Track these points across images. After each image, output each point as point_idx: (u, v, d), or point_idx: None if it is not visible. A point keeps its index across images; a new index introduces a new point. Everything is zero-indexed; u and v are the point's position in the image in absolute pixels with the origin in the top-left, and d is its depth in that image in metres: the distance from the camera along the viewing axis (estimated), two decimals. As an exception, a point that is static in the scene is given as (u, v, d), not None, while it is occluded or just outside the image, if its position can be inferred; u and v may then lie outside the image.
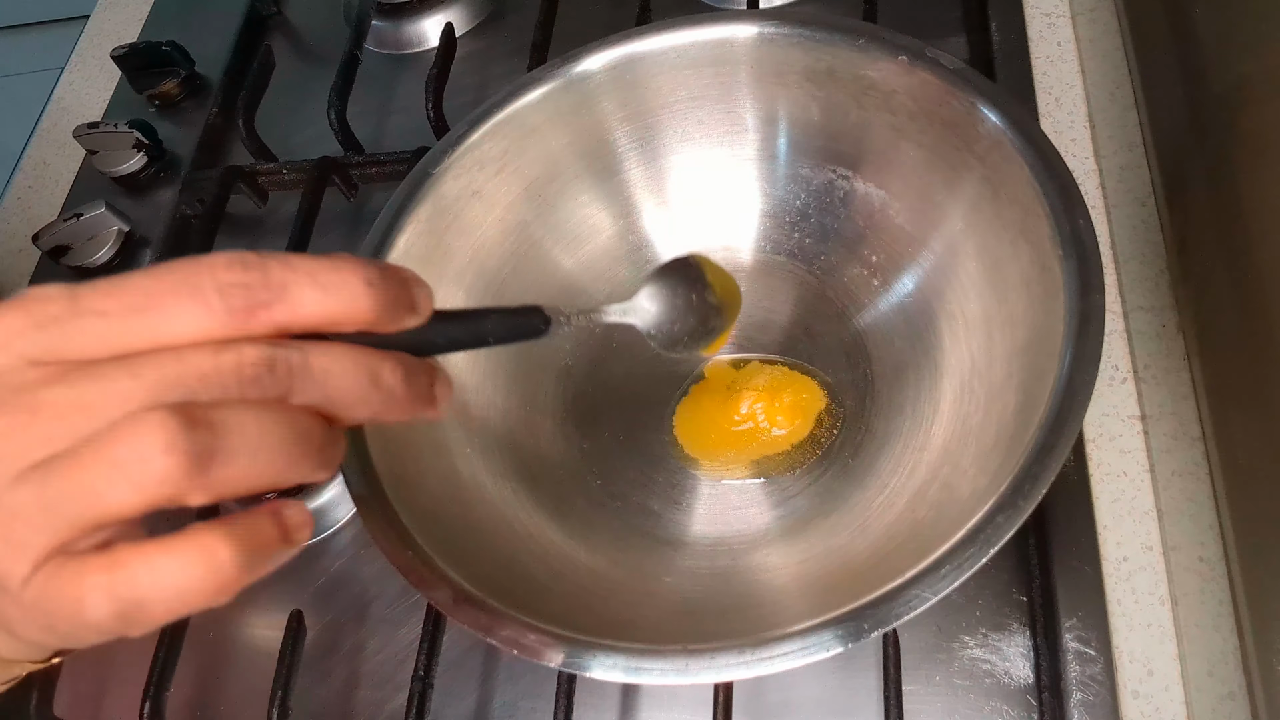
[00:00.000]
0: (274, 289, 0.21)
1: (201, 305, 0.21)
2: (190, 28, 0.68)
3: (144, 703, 0.40)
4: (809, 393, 0.42)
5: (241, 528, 0.22)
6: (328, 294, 0.22)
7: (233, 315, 0.21)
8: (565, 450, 0.43)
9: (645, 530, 0.40)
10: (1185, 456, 0.40)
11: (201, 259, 0.21)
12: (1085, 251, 0.32)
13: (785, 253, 0.45)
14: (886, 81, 0.39)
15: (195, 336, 0.21)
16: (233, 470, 0.20)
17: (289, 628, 0.41)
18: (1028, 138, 0.35)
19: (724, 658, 0.28)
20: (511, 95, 0.42)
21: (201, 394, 0.21)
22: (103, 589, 0.20)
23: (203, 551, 0.21)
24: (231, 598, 0.21)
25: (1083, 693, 0.36)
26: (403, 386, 0.24)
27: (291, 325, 0.22)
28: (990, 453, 0.33)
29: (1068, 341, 0.31)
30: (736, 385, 0.43)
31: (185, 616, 0.21)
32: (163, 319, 0.21)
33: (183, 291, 0.21)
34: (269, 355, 0.21)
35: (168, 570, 0.20)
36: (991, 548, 0.28)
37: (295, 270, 0.22)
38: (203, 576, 0.21)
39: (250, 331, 0.21)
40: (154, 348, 0.21)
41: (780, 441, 0.41)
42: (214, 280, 0.21)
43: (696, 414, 0.43)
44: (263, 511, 0.23)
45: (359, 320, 0.23)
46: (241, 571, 0.21)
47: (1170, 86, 0.45)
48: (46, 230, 0.56)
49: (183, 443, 0.19)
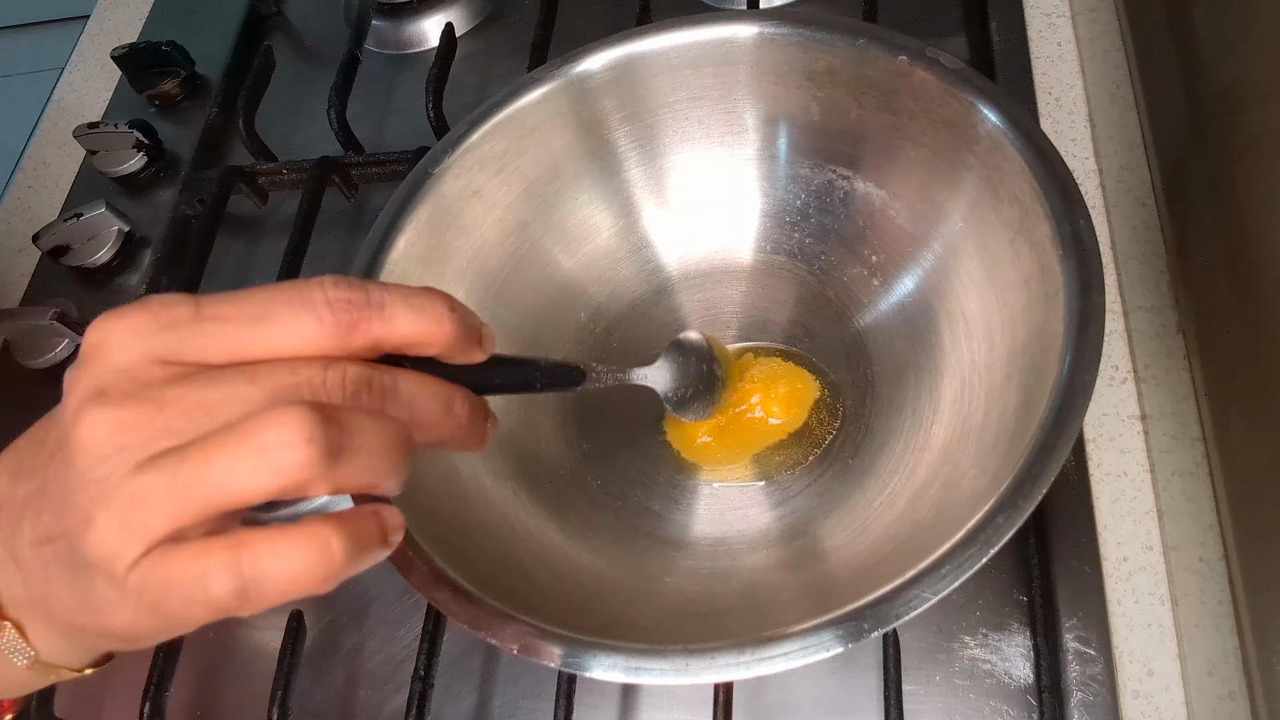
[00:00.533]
0: (375, 306, 0.24)
1: (313, 318, 0.23)
2: (190, 28, 0.68)
3: (144, 703, 0.40)
4: (803, 383, 0.42)
5: (351, 524, 0.23)
6: (419, 315, 0.25)
7: (339, 328, 0.23)
8: (565, 450, 0.43)
9: (645, 530, 0.40)
10: (1185, 456, 0.40)
11: (312, 279, 0.24)
12: (1085, 251, 0.32)
13: (785, 253, 0.45)
14: (886, 81, 0.39)
15: (306, 347, 0.23)
16: (354, 467, 0.22)
17: (289, 628, 0.41)
18: (1028, 138, 0.35)
19: (724, 658, 0.28)
20: (511, 95, 0.42)
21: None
22: (228, 567, 0.22)
23: (318, 539, 0.22)
24: (334, 586, 0.23)
25: (1083, 693, 0.36)
26: (468, 418, 0.27)
27: (386, 340, 0.24)
28: (990, 453, 0.33)
29: (1068, 341, 0.31)
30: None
31: (295, 598, 0.22)
32: (279, 328, 0.23)
33: (297, 303, 0.23)
34: (368, 374, 0.24)
35: (287, 553, 0.22)
36: (992, 548, 0.28)
37: (391, 292, 0.24)
38: (316, 562, 0.22)
39: (353, 344, 0.24)
40: (269, 355, 0.23)
41: (777, 431, 0.41)
42: (324, 295, 0.23)
43: None
44: (367, 511, 0.24)
45: (441, 343, 0.25)
46: (348, 562, 0.23)
47: (1170, 86, 0.45)
48: (47, 230, 0.56)
49: (321, 435, 0.21)
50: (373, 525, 0.24)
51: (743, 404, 0.41)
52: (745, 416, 0.41)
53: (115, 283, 0.58)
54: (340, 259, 0.55)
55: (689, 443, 0.42)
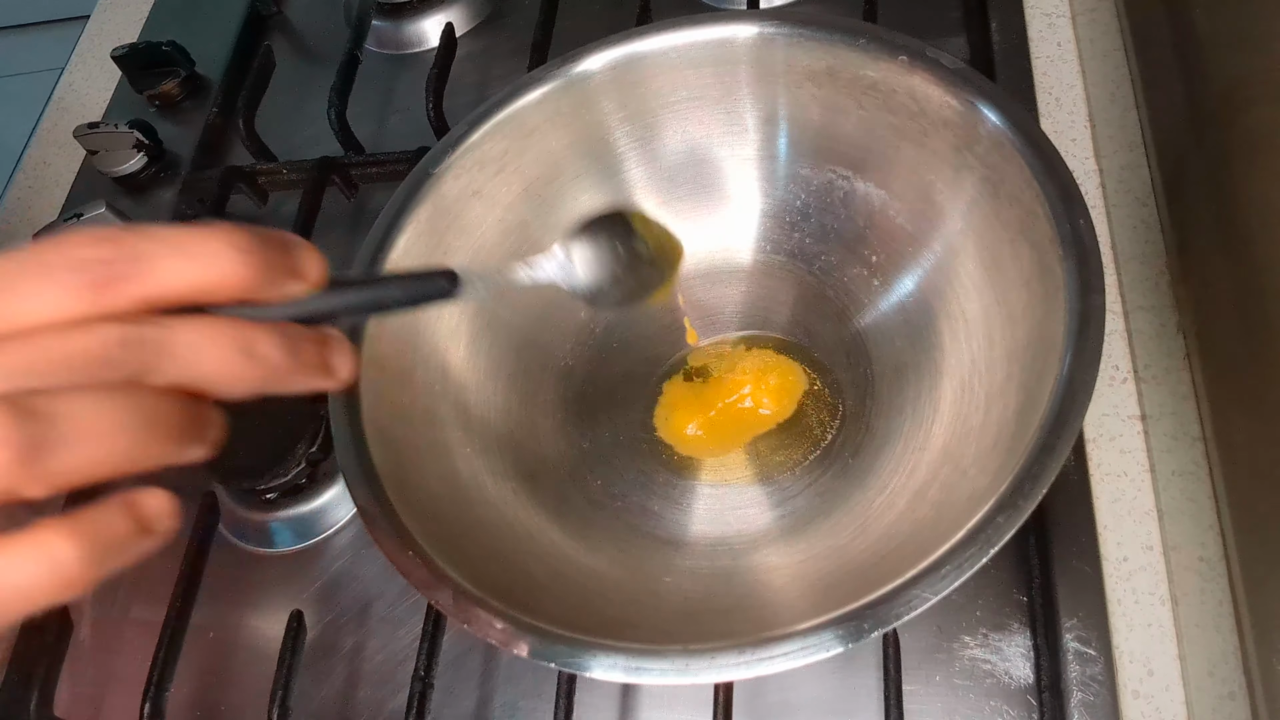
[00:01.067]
0: (132, 261, 0.21)
1: (54, 284, 0.20)
2: (190, 28, 0.68)
3: (144, 703, 0.40)
4: (794, 375, 0.42)
5: (87, 523, 0.21)
6: (194, 263, 0.21)
7: (89, 290, 0.20)
8: (565, 450, 0.43)
9: (645, 530, 0.40)
10: (1185, 456, 0.40)
11: (60, 237, 0.21)
12: (1085, 251, 0.32)
13: (785, 253, 0.45)
14: (887, 81, 0.39)
15: (54, 317, 0.20)
16: (71, 459, 0.20)
17: (289, 628, 0.41)
18: (1028, 138, 0.35)
19: (724, 658, 0.28)
20: (511, 95, 0.42)
21: (50, 379, 0.20)
22: None
23: (41, 549, 0.20)
24: (84, 592, 0.21)
25: (1083, 693, 0.36)
26: (284, 358, 0.23)
27: (156, 298, 0.21)
28: (990, 453, 0.33)
29: (1068, 341, 0.31)
30: (716, 371, 0.43)
31: (37, 611, 0.20)
32: (17, 300, 0.20)
33: (35, 272, 0.20)
34: (121, 334, 0.21)
35: (6, 569, 0.20)
36: (992, 548, 0.28)
37: (157, 240, 0.21)
38: (44, 575, 0.20)
39: (112, 307, 0.21)
40: (11, 331, 0.20)
41: (766, 421, 0.41)
42: (68, 257, 0.20)
43: (678, 403, 0.43)
44: (112, 504, 0.22)
45: (232, 289, 0.22)
46: (88, 568, 0.20)
47: (1170, 86, 0.45)
48: (47, 231, 0.56)
49: (14, 436, 0.19)
50: (120, 519, 0.21)
51: (734, 395, 0.41)
52: (736, 407, 0.41)
53: (115, 283, 0.58)
54: (340, 259, 0.55)
55: (678, 434, 0.42)
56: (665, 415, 0.43)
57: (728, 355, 0.43)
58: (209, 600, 0.45)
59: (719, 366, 0.43)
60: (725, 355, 0.43)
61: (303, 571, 0.45)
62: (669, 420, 0.42)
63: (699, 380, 0.44)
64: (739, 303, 0.46)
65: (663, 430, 0.43)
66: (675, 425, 0.42)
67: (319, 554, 0.46)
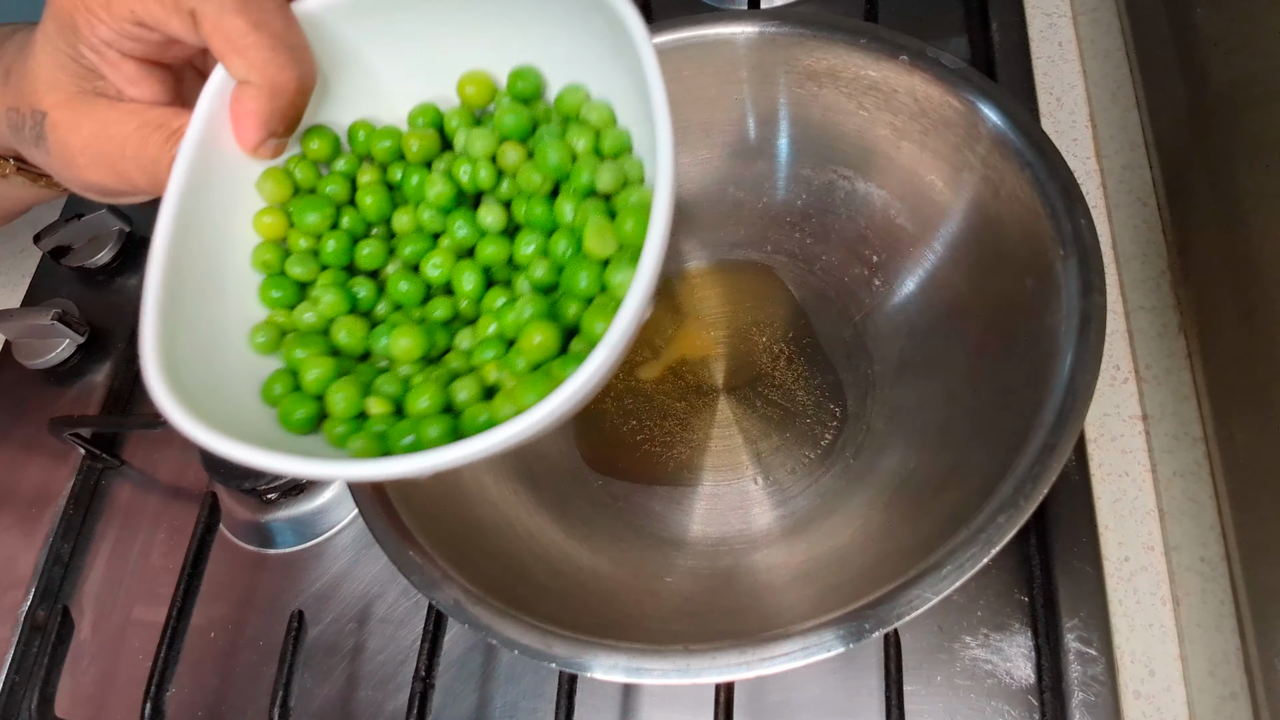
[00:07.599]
0: None
1: None
2: None
3: (144, 703, 0.40)
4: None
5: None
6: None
7: None
8: (565, 450, 0.43)
9: (646, 530, 0.40)
10: (1187, 456, 0.40)
11: None
12: (1086, 251, 0.32)
13: (785, 253, 0.45)
14: (887, 81, 0.39)
15: None
16: None
17: (290, 628, 0.41)
18: (1028, 138, 0.35)
19: (725, 658, 0.28)
20: (512, 95, 0.41)
21: None
22: None
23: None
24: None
25: (1084, 693, 0.36)
26: None
27: None
28: (992, 453, 0.33)
29: (1069, 341, 0.31)
30: None
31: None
32: None
33: None
34: None
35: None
36: (993, 548, 0.28)
37: None
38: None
39: None
40: None
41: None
42: None
43: None
44: None
45: None
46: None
47: (1171, 86, 0.45)
48: (48, 231, 0.56)
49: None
50: None
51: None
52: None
53: (116, 283, 0.58)
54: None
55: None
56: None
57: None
58: (209, 600, 0.45)
59: None
60: None
61: (303, 571, 0.45)
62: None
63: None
64: (739, 302, 0.46)
65: None
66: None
67: (319, 554, 0.46)
